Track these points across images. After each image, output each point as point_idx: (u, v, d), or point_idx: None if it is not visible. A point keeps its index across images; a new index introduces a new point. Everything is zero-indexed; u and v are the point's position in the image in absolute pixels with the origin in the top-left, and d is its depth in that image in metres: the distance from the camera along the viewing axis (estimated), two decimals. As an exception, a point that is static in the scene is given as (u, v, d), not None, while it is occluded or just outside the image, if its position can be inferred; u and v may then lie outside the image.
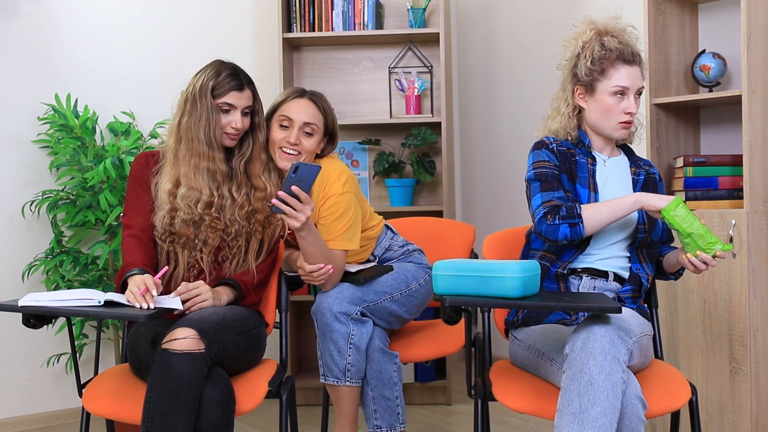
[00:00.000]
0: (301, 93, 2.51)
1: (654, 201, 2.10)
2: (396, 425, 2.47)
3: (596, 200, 2.22)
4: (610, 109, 2.24)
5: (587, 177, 2.25)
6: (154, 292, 2.03)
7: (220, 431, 1.97)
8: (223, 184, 2.31)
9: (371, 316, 2.44)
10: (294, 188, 2.15)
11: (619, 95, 2.24)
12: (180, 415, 1.91)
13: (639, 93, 2.26)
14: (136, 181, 2.32)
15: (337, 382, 2.39)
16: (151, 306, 1.99)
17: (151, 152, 2.38)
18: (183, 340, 1.95)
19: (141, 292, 2.01)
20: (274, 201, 2.17)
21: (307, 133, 2.47)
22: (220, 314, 2.11)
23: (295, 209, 2.18)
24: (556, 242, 2.14)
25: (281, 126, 2.46)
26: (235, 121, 2.30)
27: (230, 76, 2.30)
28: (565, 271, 2.21)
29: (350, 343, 2.36)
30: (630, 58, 2.25)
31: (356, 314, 2.39)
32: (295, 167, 2.15)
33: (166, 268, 2.18)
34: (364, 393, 2.46)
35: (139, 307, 1.98)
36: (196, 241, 2.27)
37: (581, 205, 2.15)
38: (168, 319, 2.17)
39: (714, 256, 2.06)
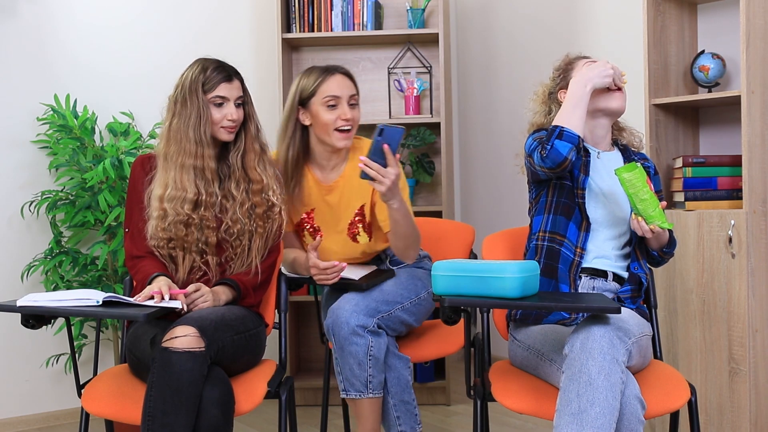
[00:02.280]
0: (331, 70, 2.50)
1: (597, 81, 2.22)
2: (416, 427, 2.46)
3: (585, 181, 2.26)
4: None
5: (579, 164, 2.29)
6: (167, 297, 2.09)
7: (220, 431, 1.97)
8: (213, 182, 2.30)
9: (384, 327, 2.42)
10: (385, 147, 2.20)
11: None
12: (181, 413, 1.91)
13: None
14: (134, 193, 2.33)
15: (360, 395, 2.36)
16: (166, 299, 2.08)
17: (148, 156, 2.38)
18: (183, 338, 1.96)
19: (157, 295, 2.07)
20: (360, 165, 2.22)
21: (352, 104, 2.48)
22: (218, 313, 2.11)
23: (379, 174, 2.23)
24: (566, 161, 2.15)
25: (329, 107, 2.46)
26: (230, 112, 2.29)
27: (217, 69, 2.31)
28: (581, 260, 2.22)
29: (369, 356, 2.34)
30: (585, 56, 2.40)
31: (373, 326, 2.37)
32: (380, 130, 2.20)
33: (186, 291, 2.18)
34: (384, 402, 2.43)
35: (147, 302, 2.06)
36: (199, 244, 2.27)
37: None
38: (167, 319, 2.18)
39: (651, 229, 2.12)
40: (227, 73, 2.31)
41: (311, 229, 2.60)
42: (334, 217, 2.58)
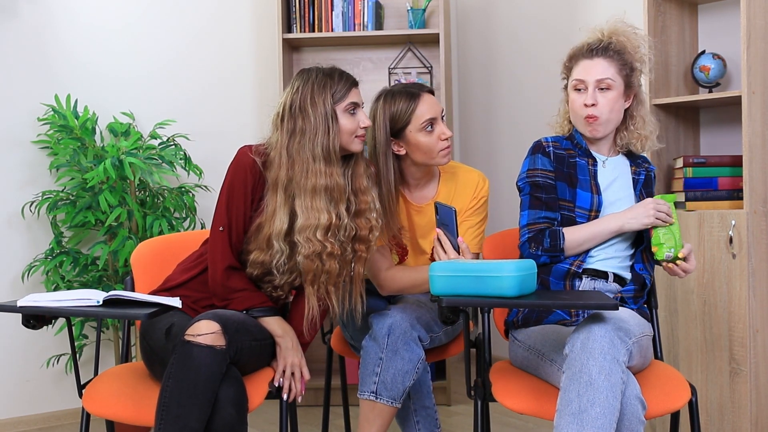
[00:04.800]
0: (416, 93, 2.38)
1: (634, 225, 2.16)
2: (435, 430, 2.44)
3: (600, 202, 2.22)
4: (573, 104, 2.24)
5: (588, 179, 2.25)
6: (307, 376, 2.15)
7: (235, 430, 1.97)
8: (340, 202, 2.14)
9: (426, 345, 2.37)
10: (440, 232, 2.12)
11: (577, 90, 2.22)
12: (195, 407, 1.90)
13: (603, 87, 2.19)
14: (240, 190, 2.15)
15: (392, 403, 2.23)
16: (301, 391, 2.14)
17: (252, 162, 2.15)
18: (208, 335, 1.95)
19: (301, 387, 2.13)
20: (437, 232, 2.14)
21: (442, 118, 2.41)
22: (240, 317, 2.10)
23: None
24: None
25: (427, 130, 2.36)
26: (363, 119, 2.16)
27: (341, 74, 2.16)
28: (580, 270, 2.21)
29: (417, 368, 2.26)
30: (593, 49, 2.21)
31: (427, 343, 2.34)
32: (435, 207, 2.14)
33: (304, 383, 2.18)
34: (405, 407, 2.40)
35: (287, 391, 2.12)
36: (323, 276, 2.15)
37: (564, 232, 2.18)
38: (183, 311, 2.18)
39: (672, 261, 2.13)
40: (353, 77, 2.17)
41: (399, 249, 2.50)
42: (421, 238, 2.49)
